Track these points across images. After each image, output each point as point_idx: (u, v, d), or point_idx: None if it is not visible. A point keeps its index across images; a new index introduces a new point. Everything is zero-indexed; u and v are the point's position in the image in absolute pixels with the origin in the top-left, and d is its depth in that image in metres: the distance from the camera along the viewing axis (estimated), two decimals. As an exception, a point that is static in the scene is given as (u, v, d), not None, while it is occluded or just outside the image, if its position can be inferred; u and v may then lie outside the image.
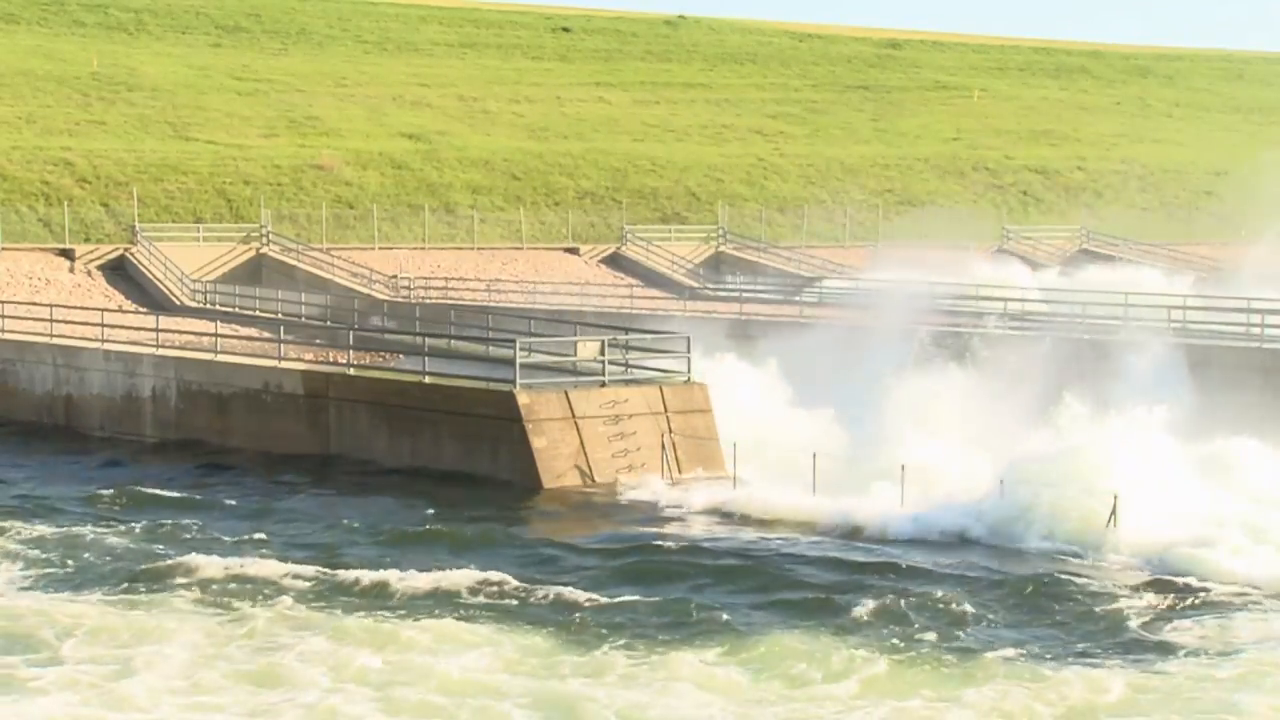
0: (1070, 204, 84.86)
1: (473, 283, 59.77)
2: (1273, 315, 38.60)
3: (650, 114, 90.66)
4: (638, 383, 30.47)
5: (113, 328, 39.54)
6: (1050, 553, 23.61)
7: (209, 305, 57.48)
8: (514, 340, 30.50)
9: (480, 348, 37.79)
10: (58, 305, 42.88)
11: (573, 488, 28.53)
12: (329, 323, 51.83)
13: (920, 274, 51.66)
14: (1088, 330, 40.42)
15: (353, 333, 36.42)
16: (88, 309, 44.83)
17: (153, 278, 60.49)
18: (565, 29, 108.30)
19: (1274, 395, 33.74)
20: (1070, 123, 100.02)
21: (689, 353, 30.64)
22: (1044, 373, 33.44)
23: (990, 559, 23.49)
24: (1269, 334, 38.07)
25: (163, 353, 36.60)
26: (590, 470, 28.89)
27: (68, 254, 61.70)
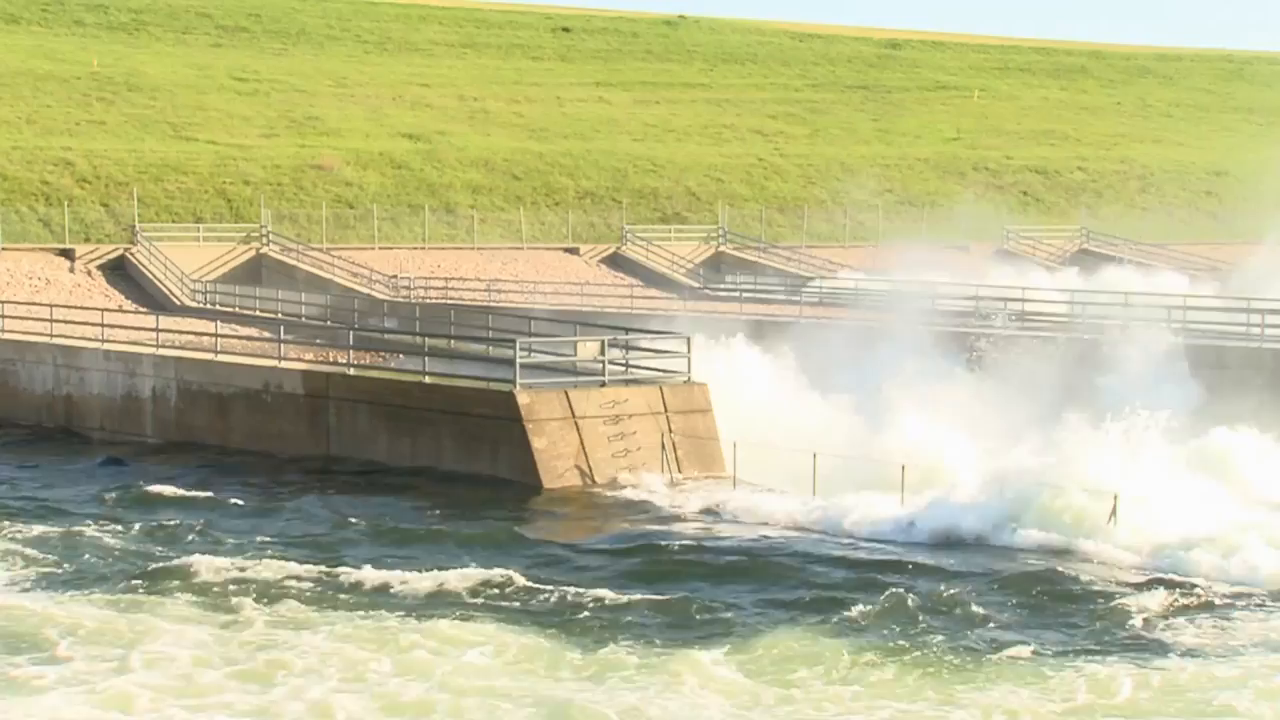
0: (1070, 204, 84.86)
1: (473, 283, 59.77)
2: (1273, 315, 38.59)
3: (650, 114, 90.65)
4: (638, 383, 30.47)
5: (113, 328, 39.52)
6: (1051, 553, 23.57)
7: (209, 305, 57.50)
8: (514, 340, 30.50)
9: (480, 348, 37.77)
10: (58, 305, 42.86)
11: (573, 488, 28.52)
12: (329, 323, 51.85)
13: (941, 276, 51.66)
14: (1097, 330, 40.19)
15: (353, 333, 36.43)
16: (88, 309, 44.80)
17: (153, 278, 60.51)
18: (565, 29, 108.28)
19: None
20: (1070, 123, 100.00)
21: (689, 353, 30.63)
22: (1056, 372, 33.59)
23: (991, 559, 23.48)
24: (1269, 334, 38.07)
25: (163, 353, 36.58)
26: (590, 470, 28.88)
27: (68, 254, 61.73)
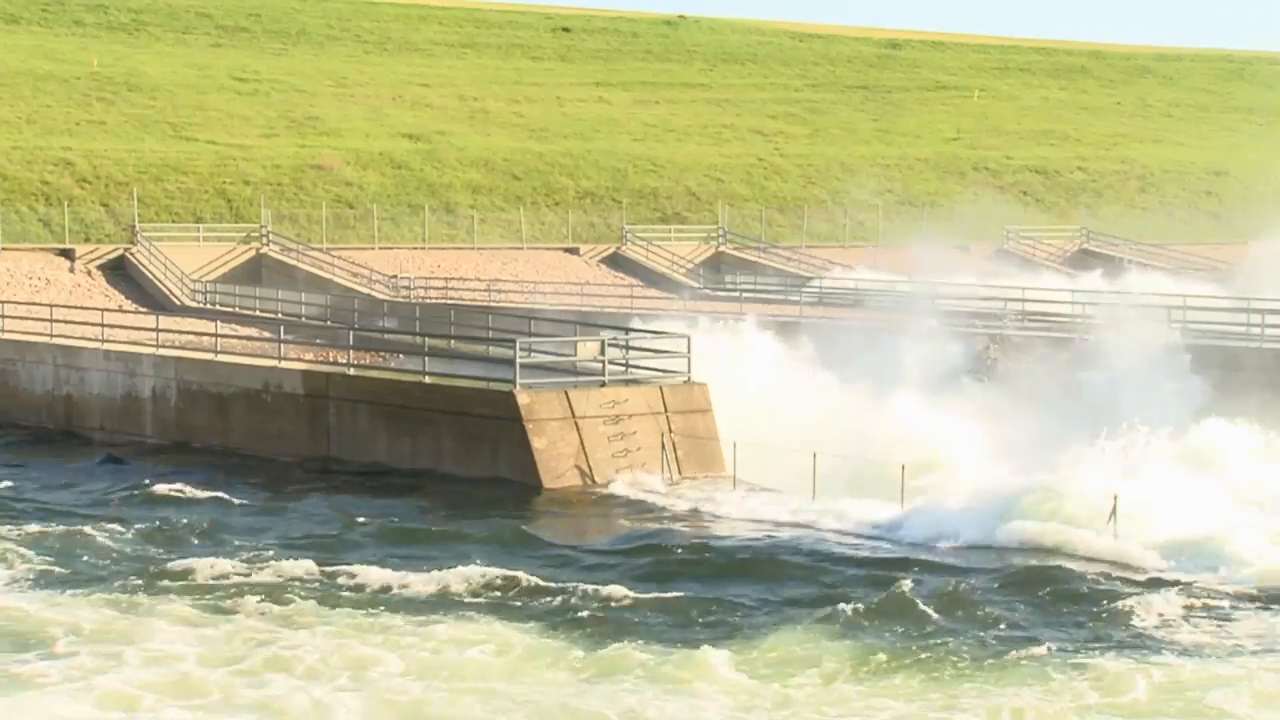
0: (1070, 204, 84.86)
1: (473, 283, 59.78)
2: (1273, 315, 38.58)
3: (650, 114, 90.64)
4: (638, 383, 30.47)
5: (113, 328, 39.52)
6: (1051, 553, 23.54)
7: (209, 305, 57.50)
8: (514, 340, 30.49)
9: (480, 348, 37.78)
10: (58, 305, 42.86)
11: (573, 488, 28.52)
12: (329, 323, 51.85)
13: (961, 277, 51.80)
14: (1103, 330, 39.96)
15: (353, 333, 36.43)
16: (88, 309, 44.80)
17: (153, 278, 60.52)
18: (565, 29, 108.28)
19: None
20: (1070, 123, 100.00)
21: (689, 353, 30.63)
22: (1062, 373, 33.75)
23: (991, 559, 23.47)
24: (1269, 333, 38.05)
25: (163, 353, 36.58)
26: (590, 470, 28.88)
27: (68, 254, 61.75)
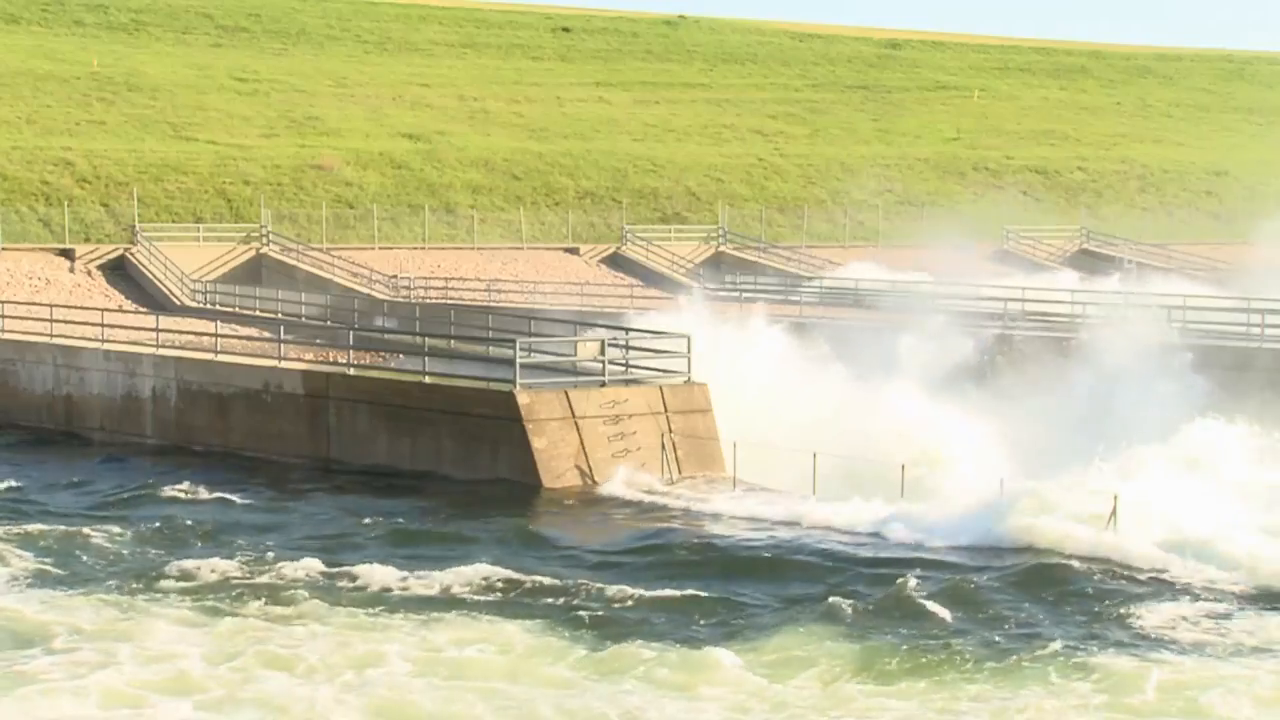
0: (1070, 204, 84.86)
1: (473, 283, 59.79)
2: (1273, 315, 38.56)
3: (650, 114, 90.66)
4: (638, 383, 30.47)
5: (113, 328, 39.50)
6: (1051, 553, 23.51)
7: (209, 305, 57.51)
8: (514, 340, 30.48)
9: (480, 348, 37.77)
10: (58, 305, 42.85)
11: (573, 488, 28.51)
12: (329, 323, 51.85)
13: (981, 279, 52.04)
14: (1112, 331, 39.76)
15: (353, 333, 36.39)
16: (88, 309, 44.79)
17: (153, 278, 60.53)
18: (565, 29, 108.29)
19: None
20: (1070, 123, 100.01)
21: (689, 353, 30.62)
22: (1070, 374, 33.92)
23: (992, 558, 23.43)
24: (1269, 333, 38.03)
25: (163, 353, 36.57)
26: (590, 470, 28.87)
27: (68, 254, 61.78)
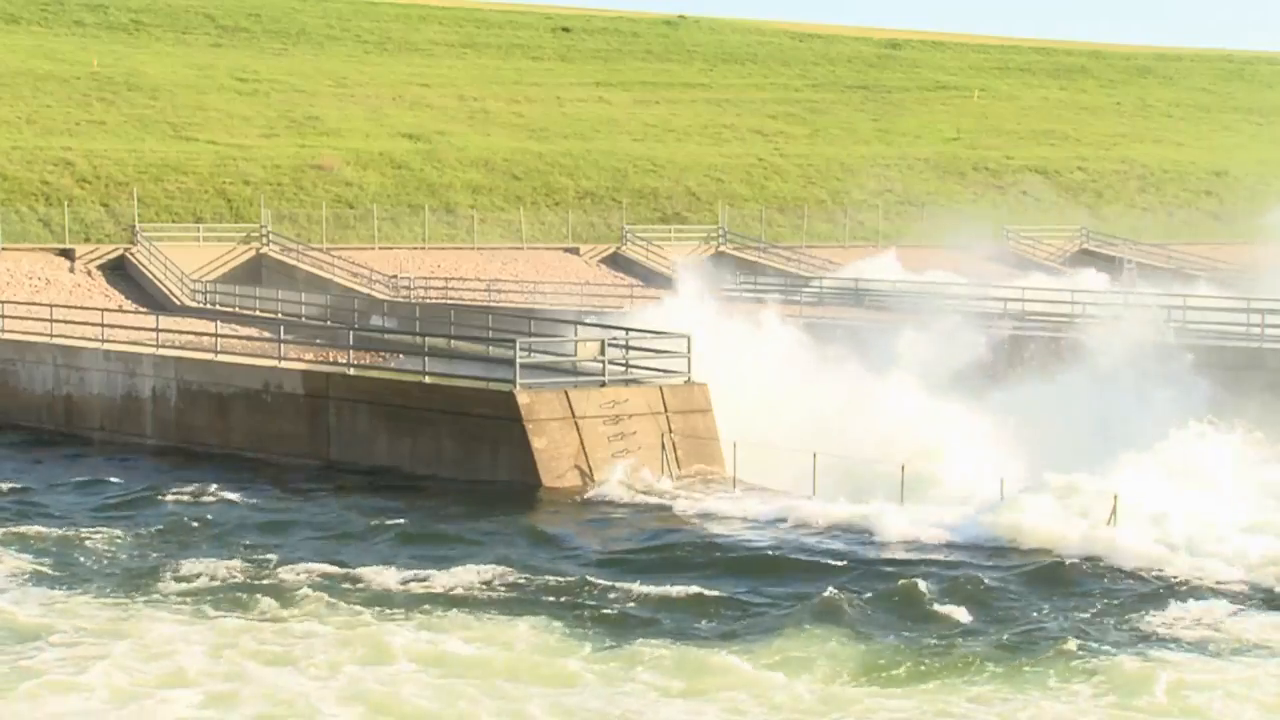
0: (1070, 204, 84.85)
1: (473, 283, 59.80)
2: (1273, 315, 38.54)
3: (650, 114, 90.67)
4: (638, 383, 30.47)
5: (113, 328, 39.50)
6: (1051, 553, 23.52)
7: (209, 305, 57.52)
8: (514, 340, 30.48)
9: (480, 348, 37.76)
10: (58, 305, 42.85)
11: (573, 488, 28.51)
12: (329, 323, 51.86)
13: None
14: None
15: (353, 333, 36.38)
16: (88, 309, 44.79)
17: (153, 278, 60.55)
18: (565, 29, 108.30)
19: None
20: (1070, 123, 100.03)
21: (689, 353, 30.62)
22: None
23: (993, 557, 23.44)
24: (1269, 333, 38.01)
25: (163, 353, 36.57)
26: (590, 470, 28.87)
27: (68, 254, 61.81)
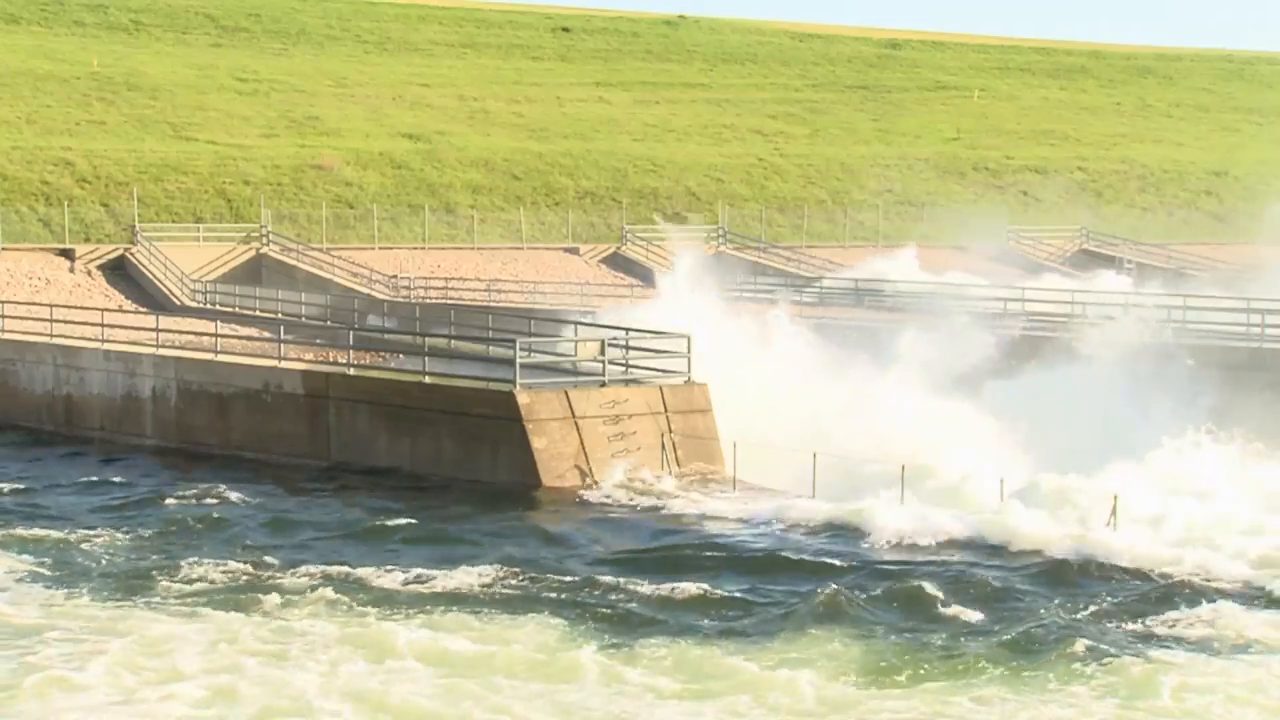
0: (1070, 204, 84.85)
1: (473, 283, 59.80)
2: (1273, 315, 38.50)
3: (650, 114, 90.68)
4: (638, 383, 30.47)
5: (113, 328, 39.51)
6: (1051, 553, 23.51)
7: (209, 305, 57.54)
8: (514, 340, 30.48)
9: (480, 348, 37.76)
10: (58, 305, 42.86)
11: (573, 488, 28.52)
12: (329, 323, 51.86)
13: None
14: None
15: (353, 333, 36.38)
16: (88, 309, 44.80)
17: (153, 278, 60.55)
18: (565, 29, 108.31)
19: None
20: (1070, 123, 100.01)
21: (689, 353, 30.62)
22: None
23: (991, 559, 23.44)
24: (1269, 333, 37.96)
25: (163, 353, 36.57)
26: (590, 470, 28.88)
27: (68, 254, 61.82)
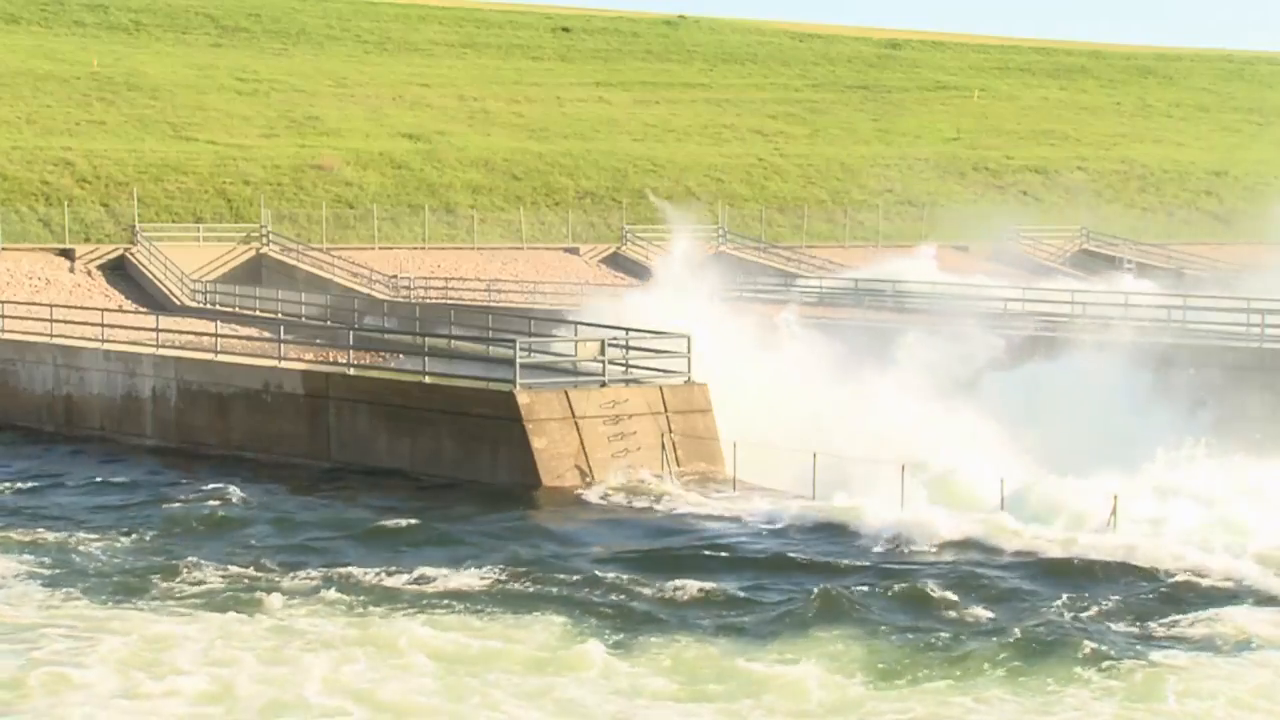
0: (1070, 204, 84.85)
1: (473, 283, 59.80)
2: (1273, 315, 38.47)
3: (650, 114, 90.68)
4: (638, 383, 30.47)
5: (113, 328, 39.50)
6: (1051, 553, 23.52)
7: (209, 305, 57.53)
8: (514, 340, 30.48)
9: (480, 348, 37.76)
10: (58, 305, 42.86)
11: (573, 488, 28.51)
12: (329, 323, 51.86)
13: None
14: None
15: (353, 333, 36.38)
16: (88, 309, 44.80)
17: (153, 278, 60.55)
18: (565, 29, 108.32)
19: None
20: (1070, 123, 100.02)
21: (689, 353, 30.62)
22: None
23: (991, 559, 23.42)
24: (1269, 334, 37.93)
25: (163, 353, 36.57)
26: (590, 470, 28.87)
27: (68, 254, 61.83)
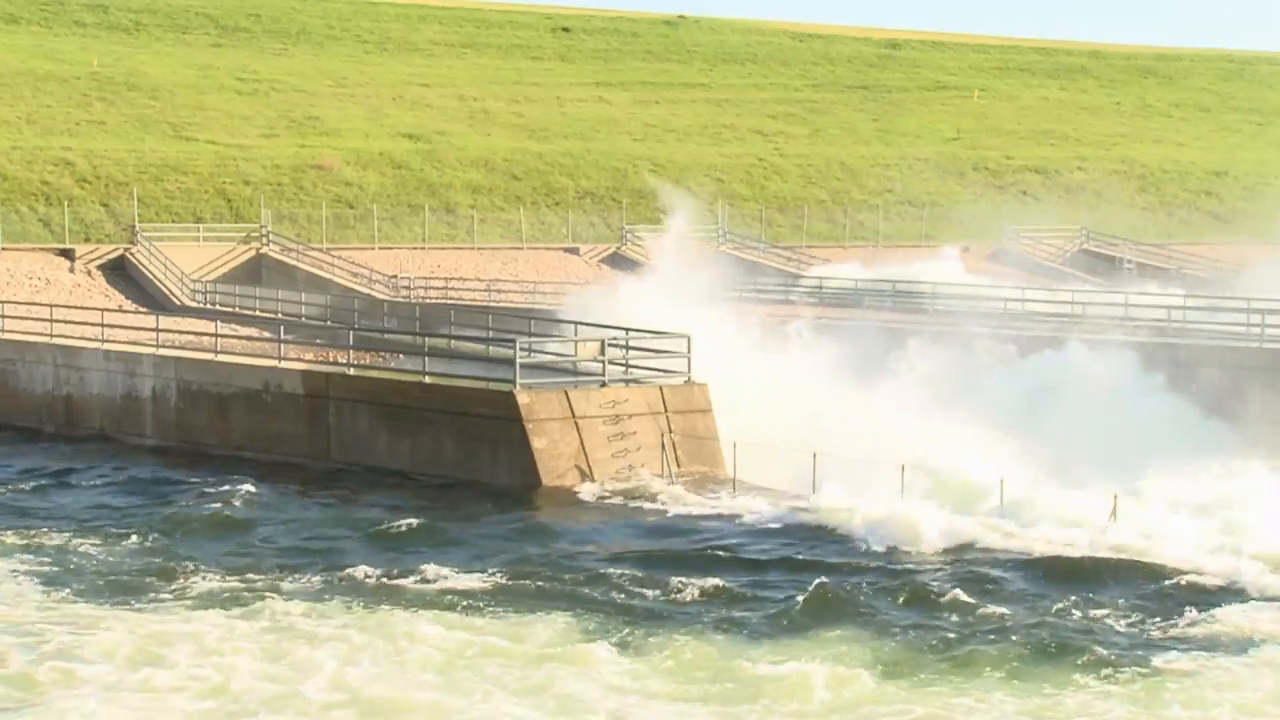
0: (1070, 204, 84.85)
1: (473, 283, 59.81)
2: (1273, 315, 38.47)
3: (650, 114, 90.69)
4: (638, 383, 30.47)
5: (113, 328, 39.51)
6: (1051, 553, 23.52)
7: (209, 305, 57.54)
8: (514, 340, 30.48)
9: (480, 348, 37.76)
10: (58, 305, 42.86)
11: (573, 488, 28.51)
12: (329, 323, 51.86)
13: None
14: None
15: (353, 333, 36.38)
16: (88, 309, 44.80)
17: (153, 278, 60.55)
18: (565, 29, 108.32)
19: None
20: (1070, 123, 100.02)
21: (689, 353, 30.62)
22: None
23: (992, 559, 23.42)
24: (1269, 334, 37.93)
25: (163, 353, 36.58)
26: (590, 470, 28.88)
27: (68, 254, 61.83)
